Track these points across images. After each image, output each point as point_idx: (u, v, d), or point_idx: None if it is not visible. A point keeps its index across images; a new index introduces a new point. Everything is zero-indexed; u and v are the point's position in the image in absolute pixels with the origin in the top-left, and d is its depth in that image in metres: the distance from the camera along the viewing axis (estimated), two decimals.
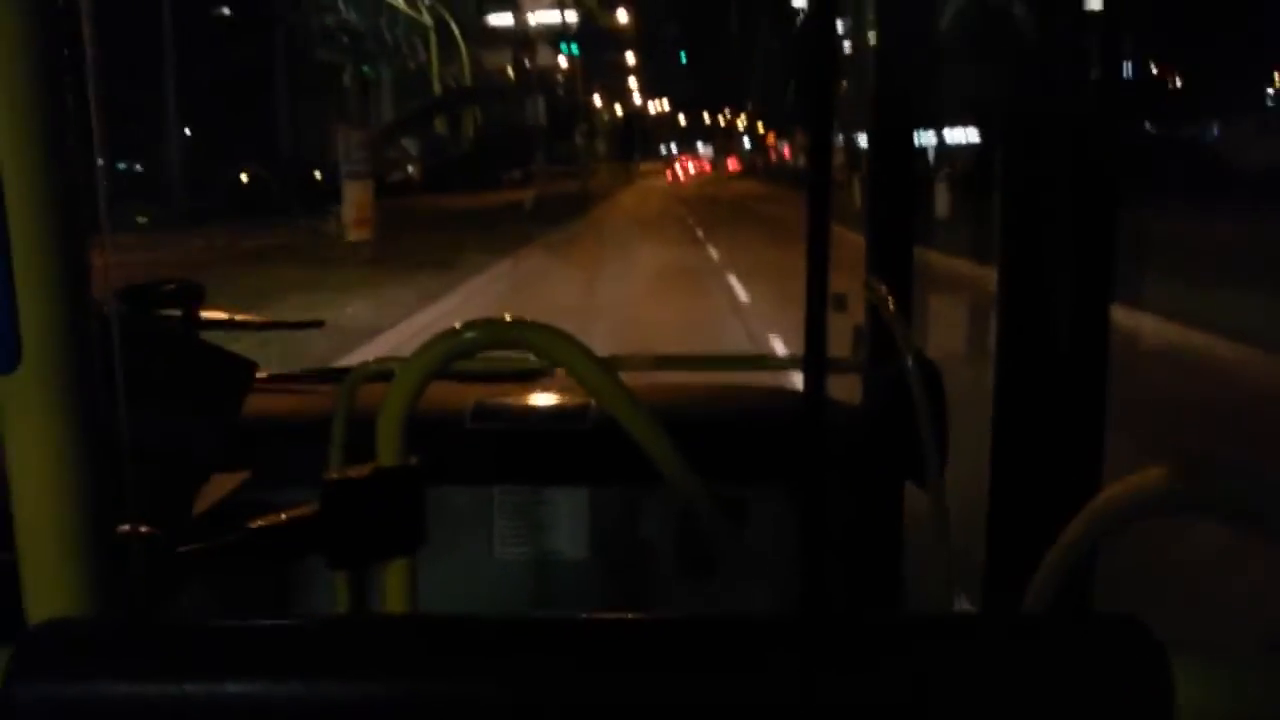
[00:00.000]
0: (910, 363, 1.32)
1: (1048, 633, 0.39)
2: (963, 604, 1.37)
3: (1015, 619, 0.56)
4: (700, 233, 20.01)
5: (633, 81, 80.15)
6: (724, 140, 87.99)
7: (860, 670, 0.36)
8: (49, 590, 0.53)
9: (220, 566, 0.88)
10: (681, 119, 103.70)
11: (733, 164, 76.77)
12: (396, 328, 9.06)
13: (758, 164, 64.32)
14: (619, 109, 79.19)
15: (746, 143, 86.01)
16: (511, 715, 0.36)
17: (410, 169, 38.76)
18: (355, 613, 0.56)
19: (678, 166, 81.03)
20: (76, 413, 0.53)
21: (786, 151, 56.30)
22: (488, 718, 0.36)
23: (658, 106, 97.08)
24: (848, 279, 1.40)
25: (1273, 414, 4.71)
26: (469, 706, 0.36)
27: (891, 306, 1.39)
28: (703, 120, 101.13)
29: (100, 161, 0.64)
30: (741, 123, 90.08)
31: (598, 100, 66.85)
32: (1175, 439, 3.96)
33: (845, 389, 1.54)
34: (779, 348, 7.21)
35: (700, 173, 78.27)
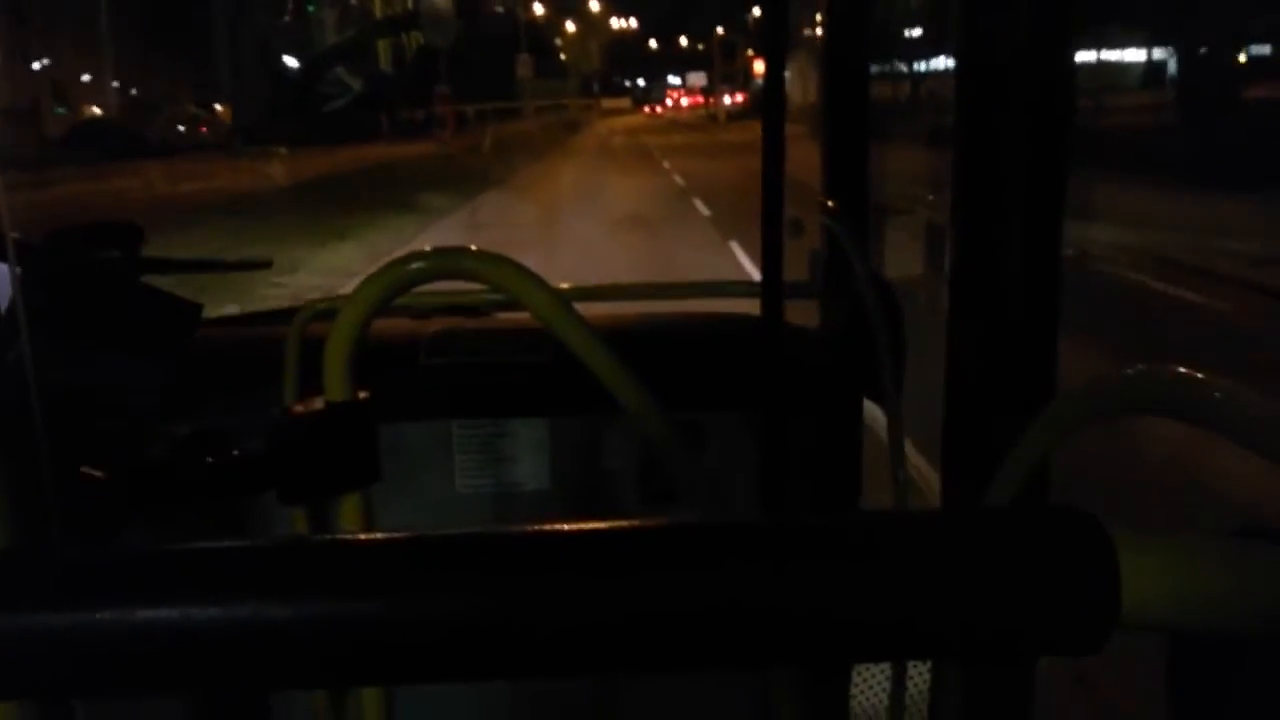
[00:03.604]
0: (866, 285, 1.33)
1: (990, 524, 0.39)
2: None
3: (949, 512, 0.56)
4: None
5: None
6: (727, 67, 61.60)
7: (802, 567, 0.37)
8: None
9: (171, 507, 0.86)
10: (653, 44, 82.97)
11: (729, 98, 54.81)
12: None
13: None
14: (570, 25, 63.64)
15: (702, 79, 67.64)
16: (479, 627, 0.36)
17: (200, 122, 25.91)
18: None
19: (667, 101, 64.67)
20: None
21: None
22: (453, 631, 0.36)
23: (622, 24, 77.46)
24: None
25: None
26: (429, 622, 0.36)
27: (846, 228, 1.39)
28: (678, 45, 79.93)
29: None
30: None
31: (539, 8, 52.93)
32: None
33: (805, 314, 1.54)
34: None
35: (693, 107, 61.16)
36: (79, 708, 0.62)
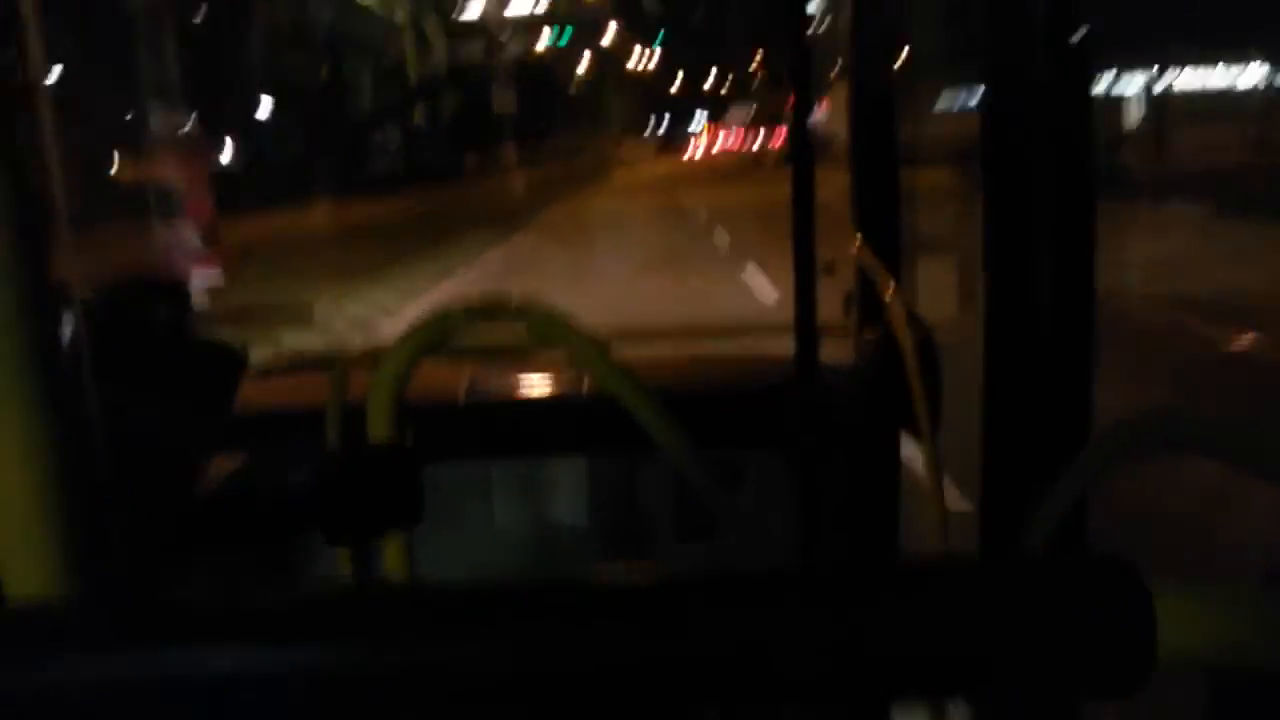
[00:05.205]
0: (900, 322, 1.33)
1: (1028, 571, 0.40)
2: None
3: (990, 561, 0.57)
4: None
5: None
6: (774, 97, 47.55)
7: (848, 616, 0.38)
8: (27, 575, 0.53)
9: (217, 550, 0.88)
10: (680, 78, 72.62)
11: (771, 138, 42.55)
12: None
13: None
14: (586, 60, 53.45)
15: (747, 114, 56.10)
16: (519, 678, 0.37)
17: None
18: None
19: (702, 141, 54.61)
20: (45, 394, 0.54)
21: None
22: (491, 681, 0.37)
23: (641, 57, 65.92)
24: None
25: None
26: (474, 672, 0.37)
27: (880, 267, 1.39)
28: (705, 77, 69.69)
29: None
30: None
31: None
32: None
33: (841, 353, 1.54)
34: None
35: (726, 150, 51.30)
36: None
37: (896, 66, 1.46)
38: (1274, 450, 0.43)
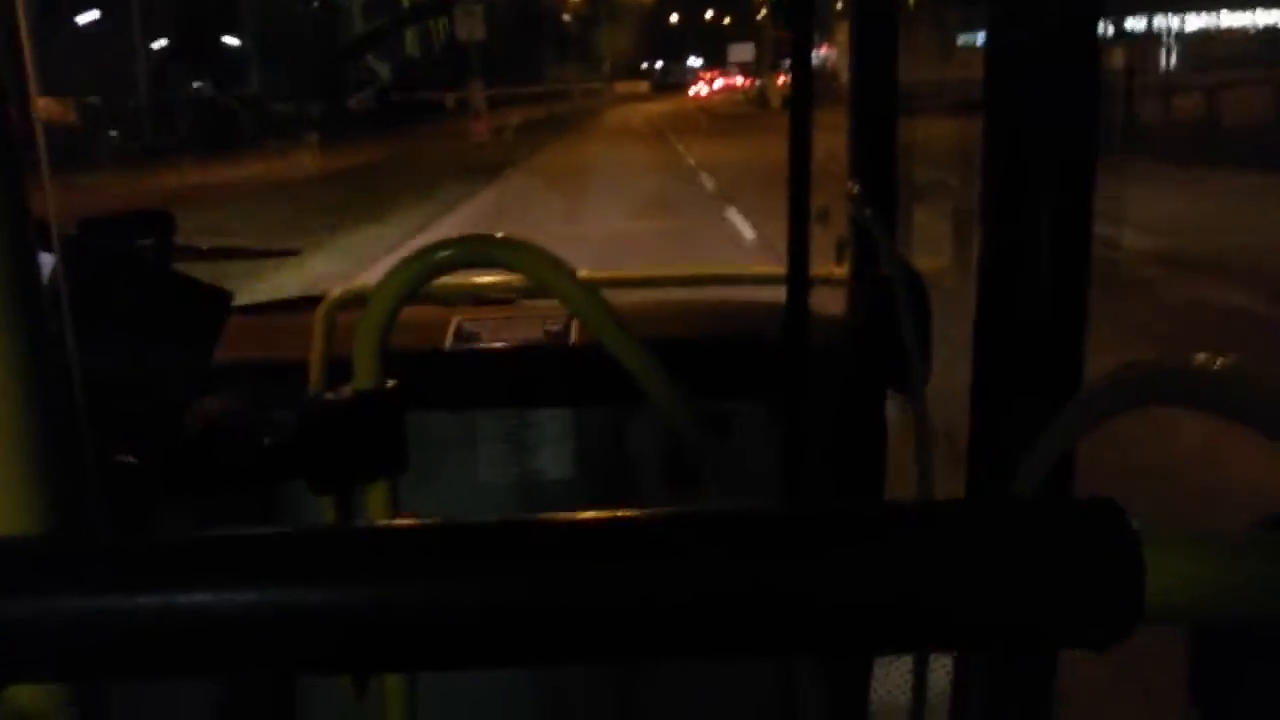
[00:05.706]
0: (894, 273, 1.32)
1: (1013, 514, 0.39)
2: None
3: (978, 502, 0.56)
4: None
5: None
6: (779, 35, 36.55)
7: (825, 557, 0.37)
8: (5, 515, 0.52)
9: (202, 493, 0.87)
10: (675, 18, 71.12)
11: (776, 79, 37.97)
12: None
13: None
14: None
15: (748, 53, 53.71)
16: (504, 614, 0.36)
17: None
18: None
19: (700, 85, 54.81)
20: (24, 333, 0.52)
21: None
22: (478, 618, 0.36)
23: None
24: None
25: None
26: (456, 609, 0.36)
27: (874, 216, 1.38)
28: (703, 21, 68.03)
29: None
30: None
31: None
32: None
33: (834, 301, 1.53)
34: None
35: (727, 91, 51.46)
36: (113, 698, 0.64)
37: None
38: (1262, 401, 0.42)
